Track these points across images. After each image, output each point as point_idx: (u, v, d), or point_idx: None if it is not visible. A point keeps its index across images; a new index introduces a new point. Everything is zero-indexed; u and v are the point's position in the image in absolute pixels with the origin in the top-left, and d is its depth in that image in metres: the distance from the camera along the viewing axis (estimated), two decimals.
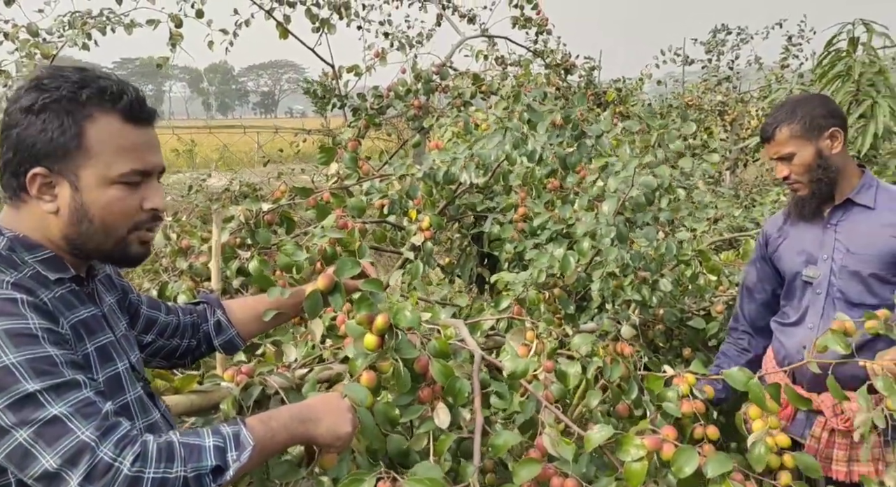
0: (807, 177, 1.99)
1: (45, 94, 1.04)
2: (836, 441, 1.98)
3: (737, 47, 7.97)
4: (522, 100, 2.49)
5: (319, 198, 2.49)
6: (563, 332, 2.07)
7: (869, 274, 1.96)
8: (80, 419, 0.93)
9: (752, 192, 6.22)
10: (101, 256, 1.14)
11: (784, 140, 1.98)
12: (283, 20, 3.96)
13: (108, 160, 1.06)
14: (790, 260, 2.12)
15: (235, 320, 1.50)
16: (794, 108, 1.99)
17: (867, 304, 1.95)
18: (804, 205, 2.05)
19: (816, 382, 1.98)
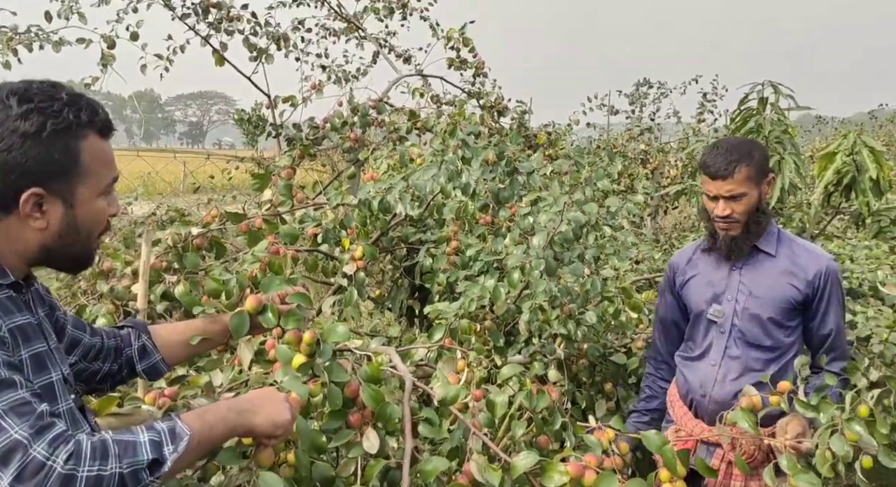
0: (745, 218, 2.05)
1: (52, 120, 1.06)
2: (734, 473, 2.06)
3: (657, 100, 8.44)
4: (458, 134, 2.56)
5: (252, 224, 2.46)
6: (493, 363, 2.10)
7: (767, 317, 2.06)
8: (14, 417, 0.92)
9: (671, 238, 6.52)
10: (71, 262, 1.18)
11: (741, 180, 2.01)
12: (220, 47, 3.94)
13: (98, 174, 1.12)
14: (697, 296, 2.19)
15: (161, 344, 1.47)
16: (749, 150, 2.03)
17: (763, 345, 2.08)
18: (736, 244, 2.08)
19: (714, 415, 2.05)
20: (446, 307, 2.33)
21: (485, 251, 2.51)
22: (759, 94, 6.16)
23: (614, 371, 2.83)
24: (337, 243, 2.68)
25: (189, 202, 5.07)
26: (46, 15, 3.36)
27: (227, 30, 3.90)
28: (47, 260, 1.14)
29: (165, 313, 2.20)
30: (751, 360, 2.09)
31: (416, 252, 3.10)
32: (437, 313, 2.42)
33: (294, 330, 1.47)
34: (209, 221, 2.46)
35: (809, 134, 13.37)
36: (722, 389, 2.12)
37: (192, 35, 3.96)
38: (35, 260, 1.13)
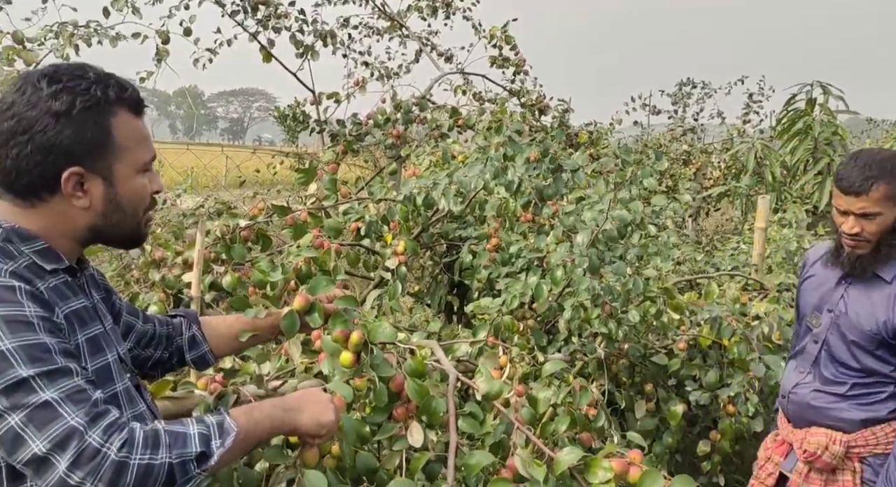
0: (876, 238, 1.91)
1: (81, 98, 1.07)
2: (812, 476, 2.03)
3: (701, 101, 8.30)
4: (503, 131, 2.57)
5: (297, 217, 2.51)
6: (535, 359, 2.10)
7: (851, 340, 1.96)
8: (71, 405, 0.95)
9: (712, 240, 6.41)
10: (123, 240, 1.20)
11: (878, 198, 1.87)
12: (268, 44, 4.00)
13: (134, 152, 1.13)
14: (806, 298, 2.13)
15: (210, 335, 1.50)
16: (893, 167, 1.87)
17: (849, 366, 1.98)
18: (863, 264, 1.96)
19: (797, 418, 2.09)
20: (489, 303, 2.33)
21: (527, 248, 2.51)
22: (808, 95, 6.03)
23: (655, 372, 2.80)
24: (379, 238, 2.71)
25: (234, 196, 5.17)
26: (105, 11, 3.45)
27: (274, 27, 3.95)
28: (97, 238, 1.16)
29: (213, 302, 2.26)
30: (835, 376, 2.01)
31: (456, 248, 3.12)
32: (479, 310, 2.43)
33: (342, 330, 1.49)
34: (256, 214, 2.51)
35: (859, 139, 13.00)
36: (801, 393, 2.08)
37: (240, 31, 4.02)
38: (86, 240, 1.15)
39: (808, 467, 2.04)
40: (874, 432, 1.96)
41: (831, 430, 2.00)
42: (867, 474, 1.97)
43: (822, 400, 2.02)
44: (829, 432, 2.00)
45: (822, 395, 2.02)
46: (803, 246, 4.36)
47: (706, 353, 2.78)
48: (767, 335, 2.75)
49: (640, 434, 2.53)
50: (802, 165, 5.82)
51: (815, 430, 2.03)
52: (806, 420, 2.06)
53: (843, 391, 1.99)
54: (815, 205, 5.61)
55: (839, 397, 1.99)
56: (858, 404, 1.96)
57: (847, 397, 1.98)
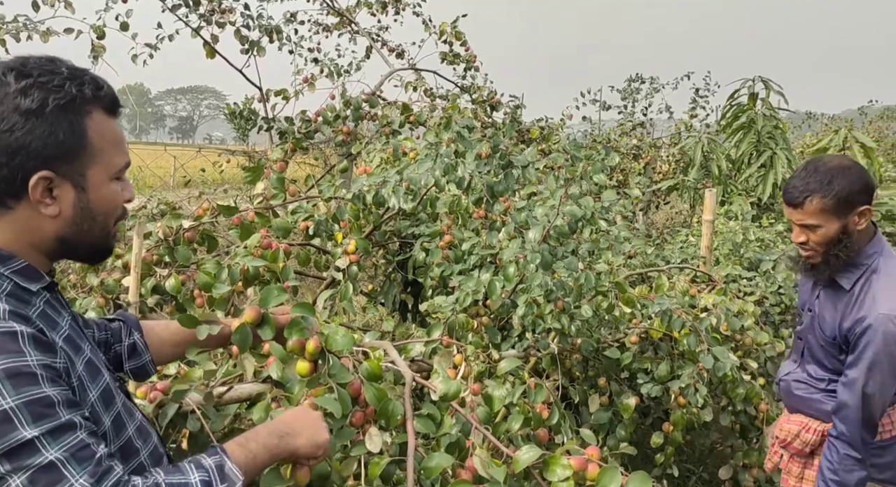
0: (823, 249, 1.93)
1: (54, 95, 0.97)
2: (795, 459, 2.14)
3: (650, 96, 8.44)
4: (453, 127, 2.54)
5: (244, 217, 2.44)
6: (489, 357, 2.09)
7: (820, 344, 2.03)
8: (75, 464, 0.90)
9: (662, 233, 6.53)
10: (91, 253, 1.10)
11: (813, 211, 1.88)
12: (211, 40, 3.89)
13: (109, 156, 1.04)
14: (801, 296, 2.20)
15: (153, 344, 1.41)
16: (830, 179, 1.86)
17: (824, 365, 2.05)
18: (814, 273, 2.00)
19: (786, 403, 2.21)
20: (443, 301, 2.31)
21: (479, 245, 2.50)
22: (750, 90, 6.19)
23: (607, 366, 2.82)
24: (329, 237, 2.66)
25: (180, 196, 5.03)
26: (34, 5, 3.30)
27: (218, 22, 3.85)
28: (65, 251, 1.06)
29: (156, 306, 2.18)
30: (815, 372, 2.09)
31: (409, 246, 3.09)
32: (433, 308, 2.40)
33: (298, 338, 1.44)
34: (201, 214, 2.44)
35: (799, 130, 13.43)
36: (787, 383, 2.16)
37: (182, 26, 3.91)
38: (53, 252, 1.05)
39: (789, 453, 2.14)
40: None
41: (810, 419, 2.08)
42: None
43: (804, 390, 2.10)
44: (805, 421, 2.08)
45: (803, 385, 2.10)
46: (749, 237, 4.47)
47: (657, 346, 2.81)
48: (715, 326, 2.80)
49: (594, 428, 2.56)
50: (747, 158, 5.97)
51: (794, 418, 2.12)
52: (792, 407, 2.16)
53: (821, 386, 2.06)
54: (759, 197, 5.76)
55: (818, 390, 2.07)
56: (833, 396, 2.00)
57: (824, 391, 2.05)
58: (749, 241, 4.40)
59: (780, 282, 3.82)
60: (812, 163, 1.93)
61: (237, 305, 2.39)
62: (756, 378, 2.91)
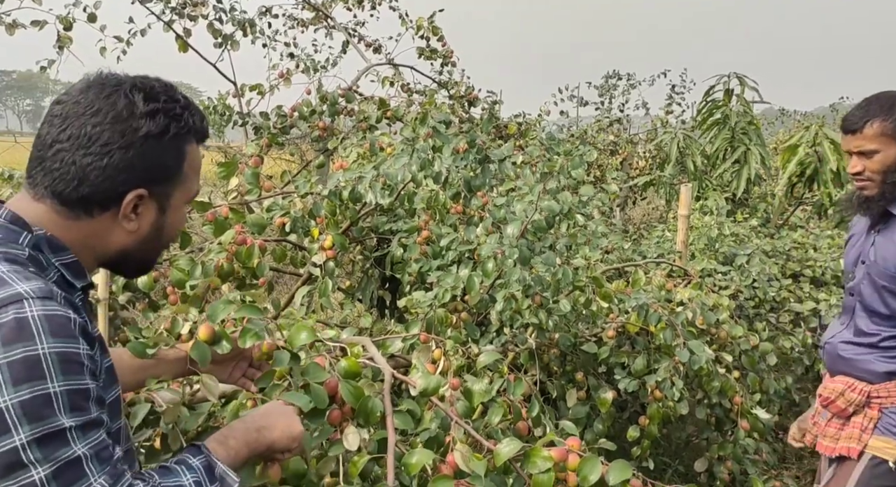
0: (881, 177, 1.93)
1: (175, 124, 1.03)
2: (833, 421, 2.11)
3: (627, 92, 8.50)
4: (428, 122, 2.53)
5: (218, 213, 2.40)
6: (468, 352, 2.08)
7: (881, 285, 1.97)
8: (97, 463, 0.89)
9: (639, 229, 6.58)
10: (138, 268, 1.15)
11: (872, 135, 1.90)
12: (184, 34, 3.83)
13: (191, 182, 1.10)
14: (847, 256, 2.16)
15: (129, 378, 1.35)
16: (892, 105, 1.90)
17: (881, 314, 2.00)
18: (869, 205, 2.00)
19: (831, 367, 2.16)
20: (421, 297, 2.30)
21: (457, 240, 2.49)
22: (725, 86, 6.26)
23: (585, 360, 2.83)
24: (306, 233, 2.63)
25: None
26: None
27: (190, 15, 3.79)
28: (118, 262, 1.09)
29: (128, 304, 2.14)
30: (864, 324, 2.05)
31: (387, 242, 3.07)
32: (410, 304, 2.39)
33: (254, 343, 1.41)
34: None
35: (773, 126, 13.63)
36: (834, 343, 2.12)
37: (154, 19, 3.84)
38: (108, 261, 1.08)
39: (830, 413, 2.11)
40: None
41: (856, 379, 2.05)
42: (883, 422, 2.01)
43: (851, 351, 2.06)
44: (850, 381, 2.05)
45: (851, 346, 2.07)
46: (724, 232, 4.52)
47: (634, 340, 2.83)
48: (691, 320, 2.82)
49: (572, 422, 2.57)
50: (721, 154, 6.03)
51: (839, 378, 2.09)
52: (837, 371, 2.12)
53: (874, 341, 2.01)
54: (733, 192, 5.83)
55: (867, 348, 2.03)
56: (885, 356, 2.00)
57: (875, 348, 2.01)
58: (724, 236, 4.45)
59: (755, 276, 3.87)
60: (873, 95, 1.96)
61: (211, 302, 2.35)
62: (731, 371, 2.94)
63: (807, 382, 3.77)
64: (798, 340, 3.58)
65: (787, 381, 3.38)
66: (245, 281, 2.37)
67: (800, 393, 3.68)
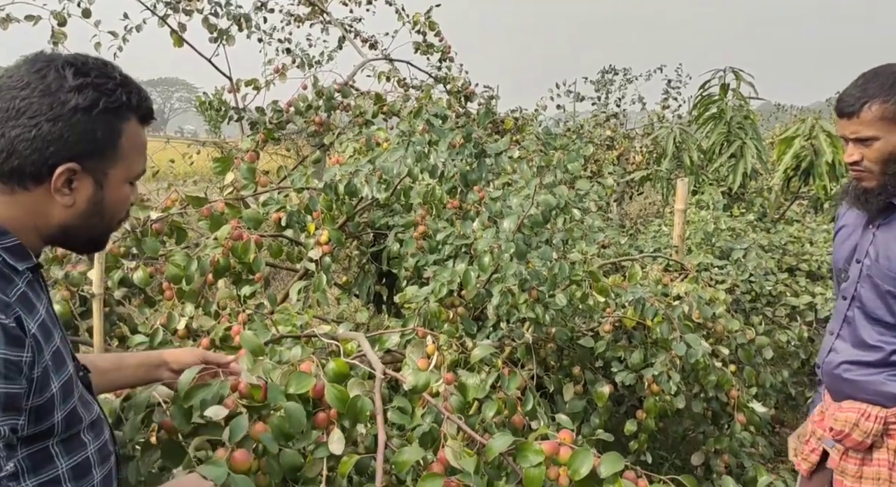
0: (880, 168, 1.66)
1: (106, 98, 1.03)
2: (851, 454, 1.81)
3: (623, 87, 8.49)
4: (423, 115, 2.52)
5: (213, 208, 2.40)
6: (463, 346, 2.08)
7: (886, 290, 1.71)
8: None
9: (636, 223, 6.58)
10: (86, 244, 1.16)
11: (870, 120, 1.63)
12: (179, 28, 3.81)
13: (132, 161, 1.10)
14: (838, 251, 1.88)
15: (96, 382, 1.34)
16: (893, 83, 1.61)
17: (884, 321, 1.73)
18: (866, 197, 1.73)
19: (834, 390, 1.87)
20: (417, 291, 2.30)
21: (454, 235, 2.48)
22: (721, 80, 6.25)
23: (582, 354, 2.83)
24: (302, 228, 2.63)
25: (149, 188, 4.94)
26: None
27: (185, 9, 3.77)
28: (63, 238, 1.10)
29: (124, 299, 2.13)
30: (869, 334, 1.76)
31: (383, 237, 3.06)
32: (404, 299, 2.39)
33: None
34: (169, 205, 2.39)
35: (769, 122, 13.63)
36: (833, 361, 1.84)
37: (149, 14, 3.82)
38: (51, 237, 1.08)
39: (844, 447, 1.81)
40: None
41: (867, 404, 1.76)
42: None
43: (856, 371, 1.77)
44: (862, 406, 1.76)
45: (855, 366, 1.78)
46: (720, 226, 4.52)
47: (631, 334, 2.83)
48: (688, 314, 2.82)
49: (569, 417, 2.57)
50: (717, 148, 6.03)
51: (848, 405, 1.79)
52: (842, 394, 1.82)
53: (880, 357, 1.73)
54: (729, 186, 5.83)
55: (875, 367, 1.74)
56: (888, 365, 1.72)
57: (884, 365, 1.73)
58: (720, 230, 4.46)
59: (751, 270, 3.87)
60: (872, 70, 1.67)
61: (208, 298, 2.35)
62: (727, 365, 2.94)
63: (802, 376, 3.78)
64: (794, 334, 3.59)
65: (783, 375, 3.39)
66: (241, 276, 2.37)
67: (796, 387, 3.69)
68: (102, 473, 1.11)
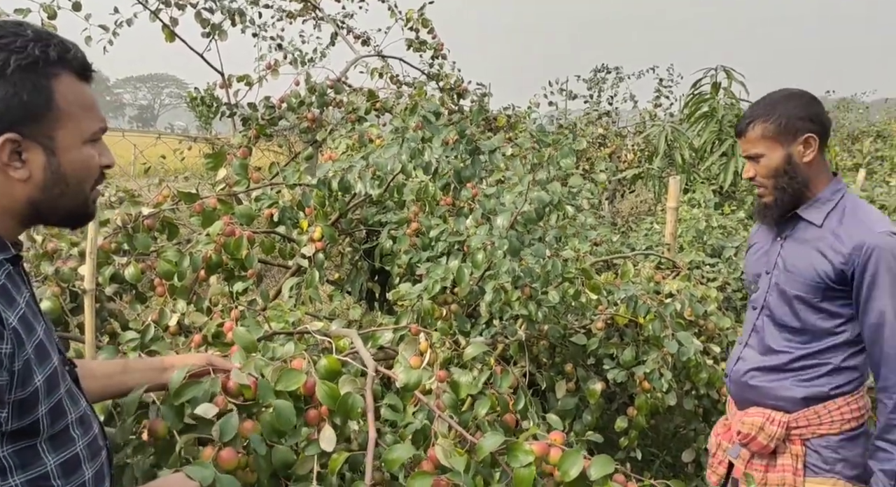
0: (772, 182, 1.81)
1: (16, 56, 0.96)
2: (755, 462, 1.89)
3: (615, 85, 8.51)
4: (418, 111, 2.52)
5: (206, 204, 2.38)
6: (456, 344, 2.08)
7: (794, 295, 1.81)
8: None
9: (628, 221, 6.60)
10: (68, 217, 1.09)
11: (755, 138, 1.80)
12: (170, 23, 3.78)
13: (79, 119, 1.03)
14: (749, 268, 2.01)
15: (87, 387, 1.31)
16: (774, 105, 1.79)
17: (790, 327, 1.84)
18: (765, 212, 1.88)
19: (740, 399, 1.96)
20: (409, 288, 2.29)
21: (447, 232, 2.48)
22: (713, 79, 6.28)
23: (574, 352, 2.84)
24: (294, 225, 2.62)
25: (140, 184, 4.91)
26: None
27: (177, 4, 3.74)
28: (39, 216, 1.04)
29: (115, 295, 2.12)
30: (775, 341, 1.87)
31: (376, 234, 3.06)
32: (397, 296, 2.39)
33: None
34: (161, 201, 2.37)
35: None
36: (740, 369, 1.94)
37: (140, 9, 3.79)
38: (27, 217, 1.03)
39: (750, 452, 1.90)
40: (817, 411, 1.81)
41: (772, 410, 1.86)
42: (811, 458, 1.82)
43: (762, 378, 1.88)
44: (766, 411, 1.86)
45: (761, 373, 1.89)
46: (712, 224, 4.54)
47: (623, 332, 2.84)
48: (680, 312, 2.83)
49: (561, 414, 2.58)
50: (709, 147, 6.06)
51: (754, 410, 1.89)
52: (748, 401, 1.93)
53: (784, 361, 1.84)
54: (720, 184, 5.85)
55: (779, 372, 1.85)
56: (800, 380, 1.82)
57: (788, 371, 1.84)
58: (712, 228, 4.48)
59: (742, 268, 3.89)
60: (765, 95, 1.86)
61: (199, 294, 2.34)
62: (718, 362, 2.96)
63: None
64: None
65: None
66: (233, 272, 2.36)
67: None
68: (94, 468, 1.09)
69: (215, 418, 1.35)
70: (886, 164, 9.30)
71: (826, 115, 1.84)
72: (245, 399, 1.41)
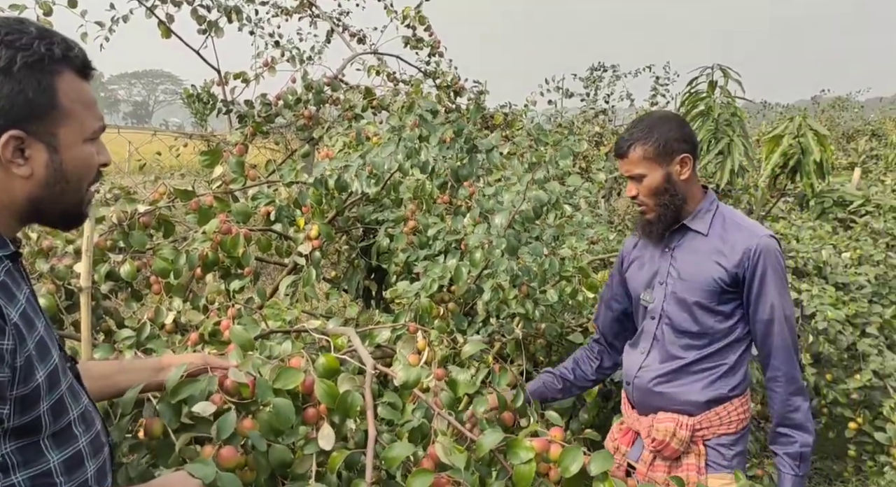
0: (653, 200, 1.94)
1: (22, 53, 0.97)
2: (657, 463, 1.98)
3: (612, 83, 8.51)
4: (415, 110, 2.51)
5: (202, 202, 2.37)
6: (454, 342, 2.08)
7: (693, 301, 1.93)
8: None
9: (624, 219, 6.61)
10: (64, 217, 1.09)
11: (636, 160, 1.91)
12: (167, 19, 3.77)
13: (82, 117, 1.04)
14: (636, 280, 2.10)
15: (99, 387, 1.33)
16: (651, 128, 1.91)
17: (691, 332, 1.95)
18: (650, 228, 2.00)
19: (642, 404, 2.05)
20: (407, 287, 2.29)
21: (444, 230, 2.48)
22: (709, 78, 6.28)
23: (570, 350, 2.84)
24: (291, 222, 2.61)
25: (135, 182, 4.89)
26: None
27: (174, 1, 3.73)
28: (37, 214, 1.05)
29: (111, 293, 2.11)
30: (676, 347, 1.98)
31: (373, 232, 3.05)
32: (394, 294, 2.38)
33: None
34: (157, 198, 2.36)
35: (755, 119, 13.72)
36: (644, 377, 2.03)
37: (136, 5, 3.78)
38: (26, 215, 1.04)
39: (653, 455, 1.99)
40: (717, 412, 1.94)
41: (678, 415, 1.96)
42: (711, 456, 1.94)
43: (666, 385, 1.98)
44: (676, 416, 1.96)
45: (665, 379, 1.98)
46: None
47: None
48: None
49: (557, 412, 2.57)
50: (705, 145, 6.06)
51: (662, 416, 1.98)
52: (652, 407, 2.02)
53: (686, 364, 1.95)
54: (717, 183, 5.86)
55: (684, 377, 1.95)
56: (702, 383, 1.94)
57: (691, 374, 1.95)
58: None
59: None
60: (639, 117, 1.99)
61: (196, 292, 2.33)
62: None
63: None
64: None
65: None
66: (230, 270, 2.35)
67: None
68: (96, 465, 1.09)
69: (212, 416, 1.35)
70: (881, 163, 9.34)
71: (695, 136, 2.00)
72: (242, 397, 1.40)
